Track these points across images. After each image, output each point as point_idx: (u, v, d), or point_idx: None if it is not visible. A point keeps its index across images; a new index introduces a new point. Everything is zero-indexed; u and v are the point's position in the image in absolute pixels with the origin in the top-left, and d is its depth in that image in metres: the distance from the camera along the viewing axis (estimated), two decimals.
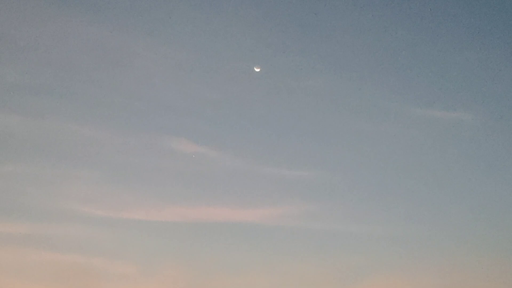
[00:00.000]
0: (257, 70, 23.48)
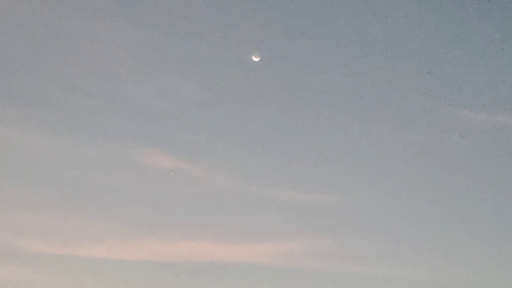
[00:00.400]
0: (256, 59, 16.40)
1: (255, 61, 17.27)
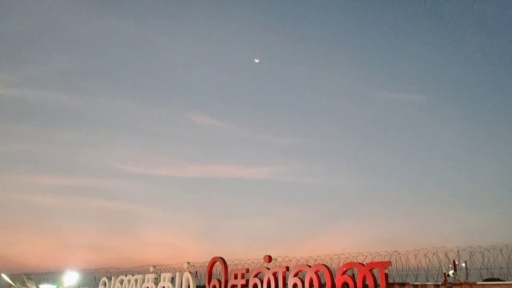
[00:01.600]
0: (257, 61, 32.01)
1: (256, 62, 30.01)
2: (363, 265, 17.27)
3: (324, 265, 18.59)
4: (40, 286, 13.33)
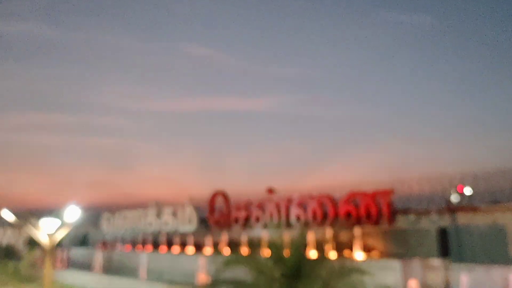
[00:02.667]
0: None
1: None
2: (367, 194, 16.94)
3: (327, 195, 18.29)
4: (41, 222, 12.84)
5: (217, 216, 22.20)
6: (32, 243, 31.70)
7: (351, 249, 14.77)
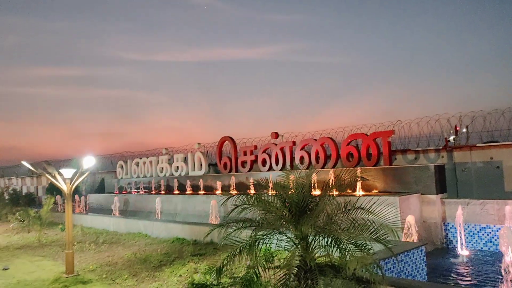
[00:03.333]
0: None
1: None
2: (367, 135, 17.41)
3: (329, 137, 18.80)
4: (60, 170, 13.50)
5: (226, 161, 22.93)
6: (51, 190, 32.98)
7: (353, 188, 15.48)
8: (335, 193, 7.21)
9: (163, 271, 12.43)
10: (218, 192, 21.89)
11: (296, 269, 5.63)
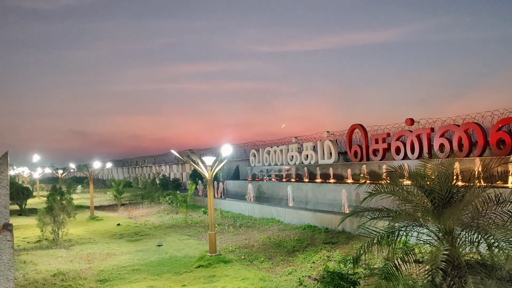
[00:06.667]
0: None
1: None
2: None
3: (475, 122, 16.92)
4: (202, 158, 14.77)
5: (356, 149, 22.37)
6: (193, 177, 36.37)
7: (505, 180, 13.70)
8: (483, 184, 6.50)
9: (296, 257, 12.76)
10: (349, 180, 21.51)
11: (444, 264, 5.22)
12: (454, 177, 6.72)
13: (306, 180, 25.06)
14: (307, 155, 26.07)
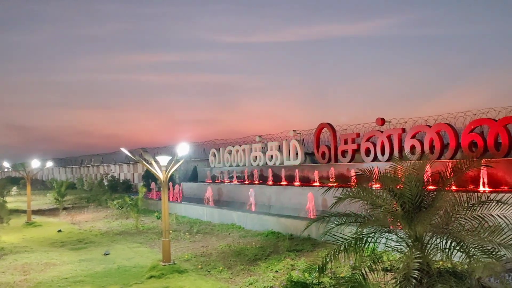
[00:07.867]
0: None
1: None
2: (496, 120, 15.93)
3: (447, 123, 17.59)
4: (156, 157, 14.51)
5: (324, 149, 22.70)
6: (146, 178, 35.75)
7: (475, 183, 14.31)
8: (454, 188, 6.75)
9: (258, 266, 12.78)
10: (315, 183, 21.81)
11: (417, 272, 5.37)
12: (425, 180, 6.92)
13: (270, 182, 25.20)
14: (272, 156, 26.23)
